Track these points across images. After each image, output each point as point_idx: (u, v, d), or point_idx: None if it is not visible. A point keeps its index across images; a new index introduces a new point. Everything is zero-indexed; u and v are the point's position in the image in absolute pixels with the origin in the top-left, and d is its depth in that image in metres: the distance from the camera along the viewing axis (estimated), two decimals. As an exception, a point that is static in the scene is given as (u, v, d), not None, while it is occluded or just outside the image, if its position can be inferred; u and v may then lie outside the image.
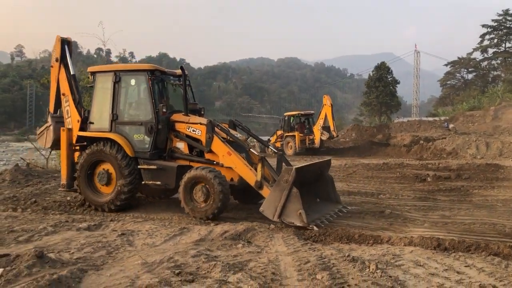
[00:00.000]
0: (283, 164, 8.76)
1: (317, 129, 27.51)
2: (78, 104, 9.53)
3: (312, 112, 30.75)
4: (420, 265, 5.11)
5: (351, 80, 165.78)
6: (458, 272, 4.88)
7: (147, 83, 8.77)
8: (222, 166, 8.36)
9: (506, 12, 63.16)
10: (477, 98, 52.10)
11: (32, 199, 9.77)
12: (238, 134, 9.03)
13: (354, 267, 4.94)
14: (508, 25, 63.31)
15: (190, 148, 8.87)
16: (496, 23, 63.54)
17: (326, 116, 28.18)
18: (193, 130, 8.70)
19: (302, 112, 29.78)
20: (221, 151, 8.37)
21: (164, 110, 8.57)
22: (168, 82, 9.50)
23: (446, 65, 73.20)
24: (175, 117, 9.01)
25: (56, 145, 9.88)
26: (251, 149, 8.60)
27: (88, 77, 20.34)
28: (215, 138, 8.45)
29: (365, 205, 9.36)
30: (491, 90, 53.35)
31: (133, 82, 9.15)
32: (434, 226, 7.43)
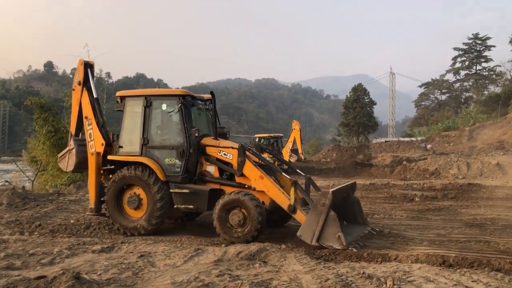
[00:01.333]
0: (310, 187, 8.87)
1: (286, 151, 30.02)
2: (102, 127, 9.57)
3: (281, 135, 33.21)
4: (430, 281, 5.50)
5: (327, 101, 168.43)
6: (466, 287, 5.29)
7: (179, 108, 8.84)
8: (254, 189, 8.45)
9: (475, 36, 65.92)
10: (451, 119, 53.90)
11: (36, 222, 9.83)
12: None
13: (371, 283, 5.30)
14: (478, 48, 65.91)
15: (220, 171, 9.01)
16: (467, 46, 66.15)
17: (295, 139, 31.37)
18: (225, 154, 8.84)
19: (272, 135, 31.74)
20: (253, 175, 8.49)
21: (196, 134, 8.65)
22: (196, 106, 9.59)
23: (420, 86, 75.57)
24: (206, 141, 9.14)
25: (79, 168, 9.91)
26: (282, 173, 8.76)
27: (67, 98, 20.26)
28: (247, 162, 8.57)
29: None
30: (464, 111, 55.28)
31: (164, 106, 9.21)
32: (433, 244, 7.87)
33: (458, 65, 67.91)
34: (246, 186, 8.58)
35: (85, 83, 9.78)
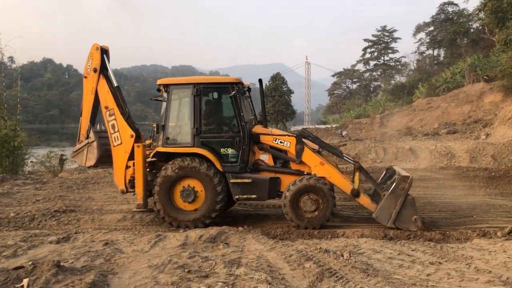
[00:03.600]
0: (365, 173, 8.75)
1: None
2: (128, 117, 9.09)
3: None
4: (377, 252, 6.31)
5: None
6: (408, 255, 6.16)
7: (233, 96, 8.57)
8: (314, 176, 8.38)
9: (383, 28, 70.15)
10: (362, 107, 57.26)
11: (-27, 217, 9.44)
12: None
13: (329, 256, 5.99)
14: (386, 40, 70.22)
15: (274, 160, 8.89)
16: (376, 38, 70.14)
17: None
18: (281, 142, 8.69)
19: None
20: (313, 162, 8.51)
21: (254, 123, 8.51)
22: (244, 94, 9.33)
23: (333, 75, 79.04)
24: (257, 129, 8.98)
25: (100, 162, 9.35)
26: (345, 158, 8.89)
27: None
28: (306, 149, 8.56)
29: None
30: (374, 99, 58.93)
31: (216, 95, 8.97)
32: (370, 222, 8.76)
33: (367, 55, 71.86)
34: (305, 172, 8.57)
35: (102, 70, 9.20)
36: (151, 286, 4.79)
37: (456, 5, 52.71)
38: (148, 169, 8.80)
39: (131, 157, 8.85)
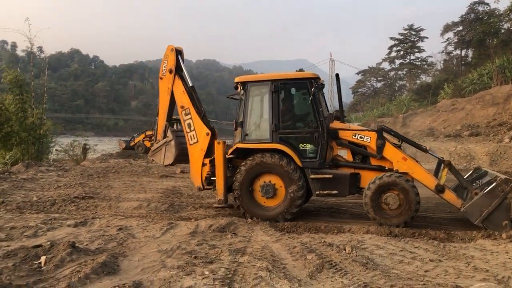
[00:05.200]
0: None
1: None
2: (203, 117, 9.32)
3: None
4: (380, 248, 6.45)
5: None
6: (410, 252, 6.28)
7: (311, 91, 8.56)
8: (396, 171, 8.30)
9: (410, 27, 69.16)
10: (386, 106, 56.80)
11: (-2, 199, 9.94)
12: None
13: (332, 250, 6.17)
14: (412, 39, 69.30)
15: (352, 155, 8.82)
16: (402, 37, 69.28)
17: None
18: (361, 137, 8.63)
19: (176, 117, 31.91)
20: (396, 157, 8.41)
21: (332, 119, 8.55)
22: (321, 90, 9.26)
23: (357, 73, 78.48)
24: (335, 124, 8.84)
25: (178, 160, 9.60)
26: (429, 152, 8.96)
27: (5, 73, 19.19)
28: (387, 144, 8.49)
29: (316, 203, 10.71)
30: (398, 99, 58.33)
31: (293, 90, 9.03)
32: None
33: (393, 54, 71.06)
34: (387, 168, 8.50)
35: (177, 71, 9.48)
36: (158, 269, 5.07)
37: (487, 4, 51.58)
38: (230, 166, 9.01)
39: (207, 154, 9.09)
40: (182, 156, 9.46)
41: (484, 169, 9.26)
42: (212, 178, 8.94)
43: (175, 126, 9.80)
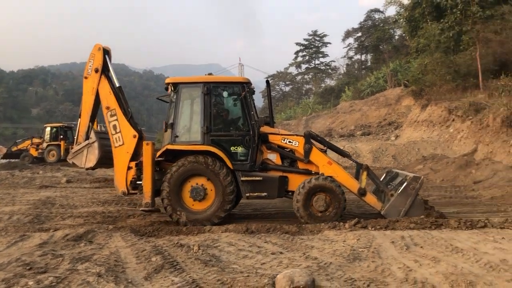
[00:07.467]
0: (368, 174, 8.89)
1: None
2: (130, 118, 9.01)
3: (73, 125, 33.53)
4: (232, 245, 6.63)
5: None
6: (259, 247, 6.53)
7: (243, 95, 8.72)
8: (322, 175, 8.53)
9: (314, 33, 72.19)
10: (293, 109, 58.75)
11: None
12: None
13: (181, 250, 6.25)
14: (316, 44, 72.32)
15: (281, 159, 8.98)
16: (307, 42, 72.05)
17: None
18: (290, 142, 8.87)
19: (66, 124, 33.25)
20: (322, 161, 8.72)
21: (264, 122, 8.73)
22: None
23: (266, 78, 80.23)
24: (265, 129, 9.04)
25: (100, 163, 9.24)
26: (352, 159, 9.35)
27: None
28: (314, 149, 8.76)
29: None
30: (304, 102, 60.56)
31: (226, 94, 9.05)
32: (248, 218, 9.17)
33: (299, 59, 73.71)
34: (313, 172, 8.75)
35: (104, 70, 9.18)
36: (-20, 283, 4.81)
37: (382, 12, 55.23)
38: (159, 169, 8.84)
39: (133, 158, 8.83)
40: (105, 159, 9.21)
41: (395, 170, 9.90)
42: (138, 182, 8.72)
43: (99, 128, 9.55)
